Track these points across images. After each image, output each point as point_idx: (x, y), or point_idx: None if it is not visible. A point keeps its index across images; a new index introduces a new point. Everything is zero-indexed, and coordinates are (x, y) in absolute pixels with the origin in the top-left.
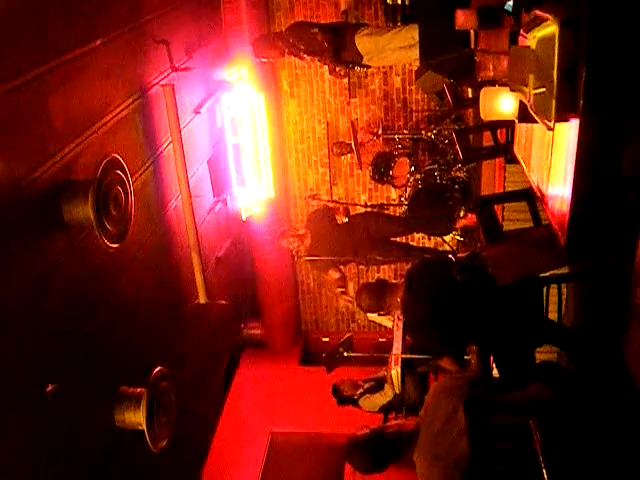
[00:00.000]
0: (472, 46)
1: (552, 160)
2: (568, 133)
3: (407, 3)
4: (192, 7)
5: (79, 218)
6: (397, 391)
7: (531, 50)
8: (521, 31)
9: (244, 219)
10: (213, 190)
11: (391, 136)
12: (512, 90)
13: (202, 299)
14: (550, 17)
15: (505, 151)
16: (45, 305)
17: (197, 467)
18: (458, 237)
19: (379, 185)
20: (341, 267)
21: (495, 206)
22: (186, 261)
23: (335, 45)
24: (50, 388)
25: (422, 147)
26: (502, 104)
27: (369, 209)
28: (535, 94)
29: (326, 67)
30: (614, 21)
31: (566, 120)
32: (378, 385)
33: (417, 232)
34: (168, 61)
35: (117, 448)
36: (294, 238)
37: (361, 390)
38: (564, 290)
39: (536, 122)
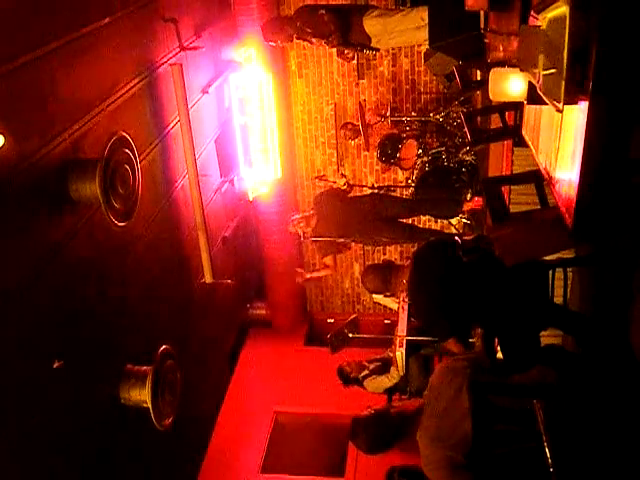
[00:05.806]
0: (482, 27)
1: (560, 142)
2: (577, 115)
3: None
4: None
5: (87, 196)
6: (401, 373)
7: (541, 30)
8: (531, 12)
9: (251, 199)
10: (220, 170)
11: (399, 118)
12: (522, 71)
13: (208, 278)
14: None
15: (513, 133)
16: (51, 283)
17: (201, 445)
18: (465, 220)
19: (386, 167)
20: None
21: (502, 188)
22: (193, 240)
23: (343, 27)
24: (57, 365)
25: (430, 129)
26: (511, 85)
27: (376, 190)
28: (545, 75)
29: (334, 49)
30: (625, 2)
31: (575, 102)
32: (384, 366)
33: (424, 214)
34: (177, 40)
35: (122, 426)
36: (300, 219)
37: (366, 371)
38: (570, 274)
39: (545, 104)
